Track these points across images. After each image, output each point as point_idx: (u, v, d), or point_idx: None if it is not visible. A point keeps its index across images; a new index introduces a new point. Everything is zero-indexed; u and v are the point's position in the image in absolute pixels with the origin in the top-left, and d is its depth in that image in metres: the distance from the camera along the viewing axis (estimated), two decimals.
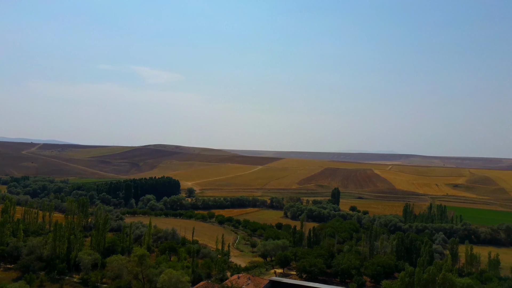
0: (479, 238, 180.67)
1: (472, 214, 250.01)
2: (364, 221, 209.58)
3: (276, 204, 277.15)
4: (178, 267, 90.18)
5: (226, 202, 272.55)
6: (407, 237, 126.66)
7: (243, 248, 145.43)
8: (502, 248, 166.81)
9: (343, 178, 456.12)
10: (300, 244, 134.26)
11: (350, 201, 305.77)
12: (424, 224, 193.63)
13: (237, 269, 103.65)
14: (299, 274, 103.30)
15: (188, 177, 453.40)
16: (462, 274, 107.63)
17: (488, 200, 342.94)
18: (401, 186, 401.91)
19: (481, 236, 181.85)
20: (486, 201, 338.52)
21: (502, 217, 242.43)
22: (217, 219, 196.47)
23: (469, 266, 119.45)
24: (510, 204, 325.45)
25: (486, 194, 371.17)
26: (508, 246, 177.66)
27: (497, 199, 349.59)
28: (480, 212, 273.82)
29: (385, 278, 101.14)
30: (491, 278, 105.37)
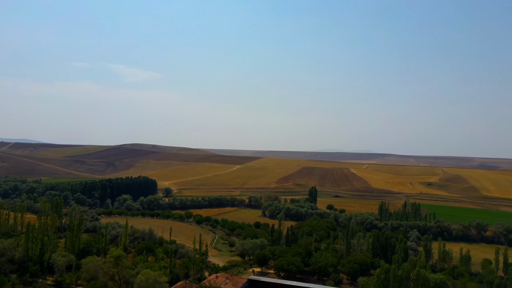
0: (451, 235, 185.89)
1: (445, 212, 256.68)
2: (341, 219, 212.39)
3: (254, 203, 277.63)
4: (155, 267, 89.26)
5: (204, 201, 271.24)
6: (383, 235, 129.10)
7: (221, 247, 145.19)
8: (473, 244, 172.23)
9: (320, 177, 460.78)
10: (278, 242, 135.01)
11: (327, 200, 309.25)
12: (399, 222, 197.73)
13: (215, 269, 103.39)
14: (277, 273, 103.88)
15: (166, 176, 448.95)
16: (435, 270, 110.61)
17: (460, 198, 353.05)
18: (377, 185, 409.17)
19: (453, 233, 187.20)
20: (458, 199, 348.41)
21: (473, 214, 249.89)
22: (195, 219, 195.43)
23: (442, 262, 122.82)
24: (481, 202, 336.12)
25: (458, 192, 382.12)
26: (479, 242, 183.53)
27: (468, 197, 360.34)
28: (452, 210, 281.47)
29: (362, 275, 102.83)
30: (462, 273, 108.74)
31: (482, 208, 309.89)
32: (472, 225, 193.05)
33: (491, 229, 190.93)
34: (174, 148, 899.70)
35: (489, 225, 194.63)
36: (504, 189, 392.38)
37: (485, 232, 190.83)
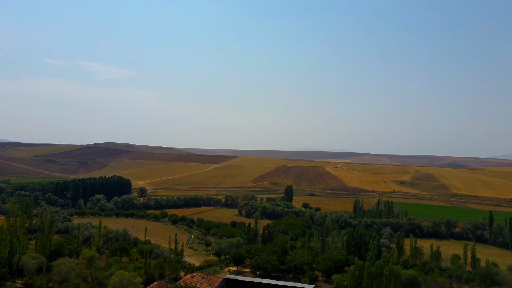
0: (423, 232, 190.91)
1: (416, 209, 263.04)
2: (316, 217, 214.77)
3: (230, 203, 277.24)
4: (130, 268, 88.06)
5: (180, 201, 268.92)
6: (357, 232, 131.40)
7: (197, 247, 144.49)
8: (443, 241, 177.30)
9: (296, 176, 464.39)
10: (254, 241, 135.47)
11: (302, 198, 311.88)
12: (373, 220, 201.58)
13: (191, 269, 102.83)
14: (253, 271, 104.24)
15: (140, 176, 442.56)
16: (407, 266, 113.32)
17: (431, 196, 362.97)
18: (351, 183, 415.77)
19: (424, 230, 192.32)
20: (429, 197, 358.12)
21: (443, 211, 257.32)
22: (170, 219, 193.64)
23: (413, 258, 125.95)
24: (450, 199, 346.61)
25: (429, 190, 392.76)
26: (448, 238, 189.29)
27: (439, 194, 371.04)
28: (423, 207, 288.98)
29: (336, 272, 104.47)
30: (433, 269, 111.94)
31: (452, 205, 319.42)
32: (442, 222, 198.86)
33: (460, 225, 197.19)
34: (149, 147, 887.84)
35: (458, 222, 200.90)
36: (472, 187, 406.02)
37: (454, 228, 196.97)
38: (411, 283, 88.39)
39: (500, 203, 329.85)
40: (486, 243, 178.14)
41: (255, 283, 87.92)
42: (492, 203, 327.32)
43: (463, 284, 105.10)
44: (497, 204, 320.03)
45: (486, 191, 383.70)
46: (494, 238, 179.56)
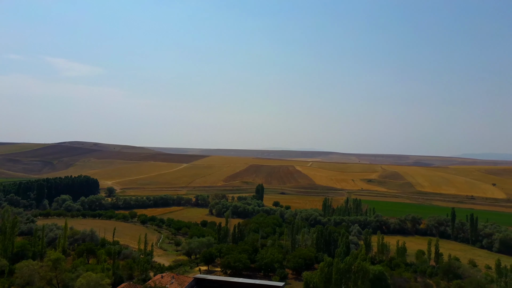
0: (389, 229, 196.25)
1: (384, 207, 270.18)
2: (287, 215, 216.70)
3: (201, 202, 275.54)
4: (97, 269, 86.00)
5: (149, 201, 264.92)
6: (326, 230, 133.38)
7: (167, 247, 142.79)
8: (409, 237, 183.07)
9: (267, 175, 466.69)
10: (225, 240, 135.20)
11: (273, 197, 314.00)
12: (342, 217, 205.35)
13: (160, 269, 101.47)
14: (223, 270, 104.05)
15: (108, 176, 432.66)
16: (374, 262, 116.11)
17: (397, 194, 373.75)
18: (321, 182, 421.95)
19: (391, 227, 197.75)
20: (395, 195, 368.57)
21: (409, 208, 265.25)
22: (139, 219, 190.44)
23: (381, 254, 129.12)
24: (416, 197, 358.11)
25: (395, 188, 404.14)
26: (414, 234, 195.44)
27: (405, 192, 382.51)
28: (390, 205, 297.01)
29: (306, 269, 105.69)
30: (399, 264, 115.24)
31: (417, 202, 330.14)
32: (408, 219, 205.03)
33: (425, 222, 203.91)
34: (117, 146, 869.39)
35: (422, 218, 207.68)
36: (436, 185, 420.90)
37: (419, 225, 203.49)
38: (378, 278, 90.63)
39: (462, 200, 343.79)
40: (449, 239, 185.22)
41: (225, 282, 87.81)
42: (455, 200, 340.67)
43: (427, 278, 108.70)
44: (459, 201, 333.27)
45: (449, 189, 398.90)
46: (456, 234, 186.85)
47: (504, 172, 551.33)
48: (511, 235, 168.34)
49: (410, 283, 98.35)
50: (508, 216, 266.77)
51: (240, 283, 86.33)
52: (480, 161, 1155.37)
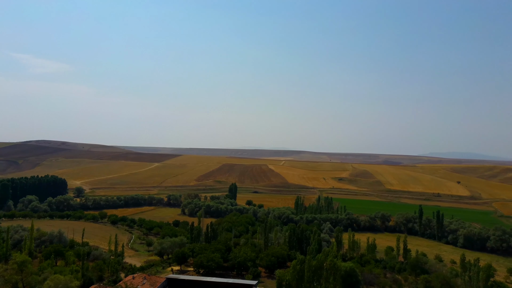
0: (360, 226, 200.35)
1: (354, 205, 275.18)
2: (260, 214, 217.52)
3: (173, 202, 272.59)
4: (66, 271, 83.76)
5: (120, 201, 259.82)
6: (298, 228, 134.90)
7: (139, 247, 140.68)
8: (378, 234, 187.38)
9: (240, 174, 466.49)
10: (198, 240, 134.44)
11: (246, 196, 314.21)
12: (313, 215, 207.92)
13: (132, 270, 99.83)
14: (196, 270, 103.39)
15: (77, 175, 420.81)
16: (345, 259, 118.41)
17: (367, 192, 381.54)
18: (293, 180, 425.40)
19: (361, 224, 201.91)
20: (366, 193, 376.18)
21: (379, 206, 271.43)
22: (109, 219, 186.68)
23: (351, 251, 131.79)
24: (385, 195, 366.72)
25: (365, 186, 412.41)
26: (383, 231, 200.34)
27: (374, 190, 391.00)
28: (360, 203, 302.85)
29: (279, 267, 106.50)
30: (369, 260, 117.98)
31: (386, 200, 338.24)
32: (378, 216, 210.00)
33: (394, 219, 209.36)
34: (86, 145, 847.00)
35: (391, 216, 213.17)
36: (405, 183, 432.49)
37: (389, 222, 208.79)
38: (349, 275, 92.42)
39: (429, 197, 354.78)
40: (417, 235, 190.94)
41: (198, 281, 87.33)
42: (422, 197, 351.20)
43: (396, 274, 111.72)
44: (426, 199, 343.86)
45: (416, 187, 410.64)
46: (424, 230, 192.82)
47: (467, 171, 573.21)
48: (474, 231, 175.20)
49: (380, 279, 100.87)
50: (472, 213, 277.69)
51: (213, 282, 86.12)
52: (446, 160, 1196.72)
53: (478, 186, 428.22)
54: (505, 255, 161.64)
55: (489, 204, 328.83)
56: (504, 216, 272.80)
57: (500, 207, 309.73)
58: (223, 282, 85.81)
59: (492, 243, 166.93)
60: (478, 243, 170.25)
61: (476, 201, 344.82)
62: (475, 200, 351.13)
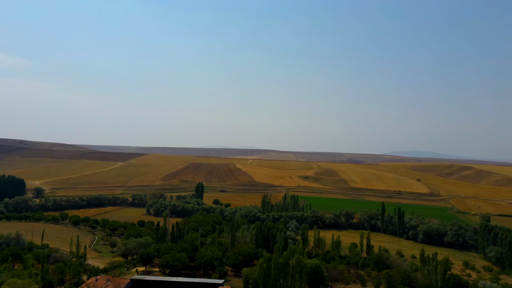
0: (325, 223, 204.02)
1: (319, 203, 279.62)
2: (227, 213, 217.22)
3: (138, 202, 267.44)
4: (24, 275, 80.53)
5: (82, 201, 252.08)
6: (265, 226, 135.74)
7: (102, 248, 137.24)
8: (343, 231, 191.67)
9: (207, 173, 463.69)
10: (164, 240, 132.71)
11: (213, 195, 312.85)
12: (280, 213, 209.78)
13: (94, 271, 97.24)
14: (162, 270, 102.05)
15: (36, 175, 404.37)
16: (311, 256, 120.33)
17: (332, 190, 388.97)
18: (260, 179, 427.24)
19: (327, 222, 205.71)
20: (330, 191, 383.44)
21: (343, 204, 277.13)
22: (71, 220, 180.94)
23: (317, 248, 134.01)
24: (349, 193, 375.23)
25: (330, 184, 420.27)
26: (347, 228, 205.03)
27: (339, 188, 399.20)
28: (325, 201, 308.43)
29: (246, 266, 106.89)
30: (334, 257, 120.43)
31: (350, 198, 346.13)
32: (342, 214, 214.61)
33: (357, 216, 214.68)
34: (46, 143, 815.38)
35: (355, 213, 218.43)
36: (368, 181, 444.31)
37: (352, 219, 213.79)
38: (314, 271, 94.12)
39: (391, 195, 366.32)
40: (379, 231, 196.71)
41: (163, 281, 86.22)
42: (384, 195, 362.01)
43: (359, 269, 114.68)
44: (388, 196, 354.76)
45: (379, 184, 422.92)
46: (386, 227, 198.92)
47: (427, 169, 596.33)
48: (433, 227, 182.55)
49: (344, 275, 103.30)
50: (431, 209, 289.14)
51: (178, 282, 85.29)
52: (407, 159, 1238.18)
53: (437, 184, 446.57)
54: (461, 249, 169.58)
55: (446, 201, 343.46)
56: (460, 212, 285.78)
57: (457, 204, 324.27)
58: (189, 282, 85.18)
59: (449, 238, 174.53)
60: (436, 238, 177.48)
61: (434, 198, 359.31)
62: (434, 197, 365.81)
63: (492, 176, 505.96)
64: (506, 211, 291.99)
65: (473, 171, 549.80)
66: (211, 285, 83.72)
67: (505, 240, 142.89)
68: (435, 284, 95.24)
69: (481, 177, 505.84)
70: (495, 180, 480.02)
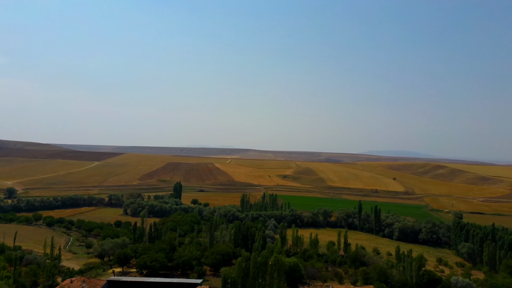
0: (303, 222, 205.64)
1: (298, 201, 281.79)
2: (205, 213, 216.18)
3: (115, 202, 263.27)
4: None
5: (57, 202, 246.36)
6: (244, 225, 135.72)
7: (77, 250, 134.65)
8: (321, 229, 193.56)
9: (185, 172, 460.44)
10: (141, 240, 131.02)
11: (192, 195, 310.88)
12: (259, 212, 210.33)
13: (69, 273, 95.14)
14: (139, 271, 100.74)
15: (8, 175, 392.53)
16: (289, 255, 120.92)
17: (310, 189, 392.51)
18: (239, 178, 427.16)
19: (305, 220, 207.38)
20: (309, 189, 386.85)
21: (321, 202, 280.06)
22: (45, 221, 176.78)
23: (295, 247, 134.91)
24: (327, 191, 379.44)
25: (308, 183, 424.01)
26: (325, 227, 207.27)
27: (317, 187, 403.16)
28: (304, 199, 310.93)
29: (224, 265, 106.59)
30: (312, 255, 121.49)
31: (328, 196, 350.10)
32: (320, 212, 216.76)
33: (335, 215, 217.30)
34: (18, 142, 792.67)
35: (333, 211, 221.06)
36: (345, 180, 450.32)
37: (330, 218, 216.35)
38: (293, 270, 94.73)
39: (368, 193, 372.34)
40: (356, 229, 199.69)
41: (140, 282, 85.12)
42: (361, 193, 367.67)
43: (337, 267, 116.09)
44: (365, 195, 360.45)
45: (356, 183, 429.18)
46: (363, 225, 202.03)
47: (403, 168, 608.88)
48: (408, 224, 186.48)
49: (322, 272, 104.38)
50: (406, 207, 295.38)
51: (156, 283, 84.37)
52: (384, 158, 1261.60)
53: (412, 182, 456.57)
54: (435, 245, 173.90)
55: (421, 199, 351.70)
56: (434, 209, 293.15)
57: (431, 202, 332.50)
58: (167, 282, 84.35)
59: (423, 235, 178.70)
60: (411, 236, 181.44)
61: (410, 196, 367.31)
62: (409, 195, 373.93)
63: (465, 174, 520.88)
64: (478, 208, 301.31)
65: (446, 170, 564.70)
66: (189, 285, 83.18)
67: (476, 236, 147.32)
68: (410, 281, 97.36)
69: (454, 175, 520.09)
70: (467, 178, 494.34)
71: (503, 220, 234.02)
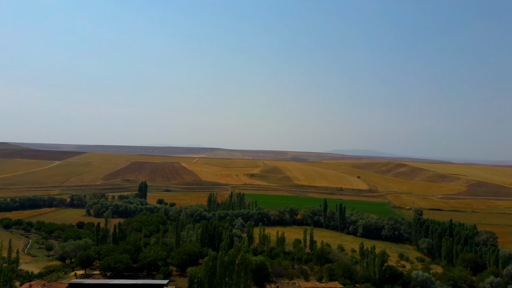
0: (270, 220, 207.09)
1: (265, 200, 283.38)
2: (171, 213, 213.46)
3: (77, 202, 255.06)
4: None
5: (14, 203, 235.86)
6: (211, 225, 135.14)
7: (37, 252, 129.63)
8: (287, 227, 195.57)
9: (151, 172, 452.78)
10: (105, 241, 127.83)
11: (158, 194, 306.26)
12: (226, 211, 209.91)
13: (28, 277, 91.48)
14: (103, 273, 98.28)
15: None
16: (256, 253, 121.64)
17: (277, 187, 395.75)
18: (206, 178, 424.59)
19: (272, 218, 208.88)
20: (276, 188, 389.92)
21: (287, 201, 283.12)
22: (2, 223, 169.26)
23: (262, 245, 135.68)
24: (293, 190, 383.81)
25: (275, 182, 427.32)
26: (292, 225, 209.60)
27: (284, 185, 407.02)
28: (271, 198, 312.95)
29: (191, 265, 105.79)
30: (278, 253, 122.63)
31: (294, 195, 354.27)
32: (286, 211, 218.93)
33: (301, 213, 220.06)
34: None
35: (299, 209, 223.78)
36: (311, 178, 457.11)
37: (297, 216, 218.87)
38: (260, 268, 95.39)
39: (333, 191, 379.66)
40: (322, 227, 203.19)
41: (103, 285, 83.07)
42: (326, 191, 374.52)
43: (303, 264, 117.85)
44: (330, 193, 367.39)
45: (321, 182, 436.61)
46: (328, 222, 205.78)
47: (366, 166, 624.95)
48: (371, 221, 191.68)
49: (288, 270, 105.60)
50: (370, 205, 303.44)
51: (120, 284, 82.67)
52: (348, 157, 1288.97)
53: (375, 180, 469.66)
54: (397, 242, 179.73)
55: (384, 197, 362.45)
56: (396, 207, 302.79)
57: (393, 199, 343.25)
58: (131, 284, 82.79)
59: (386, 232, 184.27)
60: (374, 232, 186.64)
61: (373, 194, 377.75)
62: (373, 193, 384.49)
63: (425, 172, 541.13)
64: (437, 205, 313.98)
65: (407, 168, 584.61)
66: (155, 285, 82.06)
67: (435, 232, 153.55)
68: (373, 276, 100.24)
69: (415, 173, 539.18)
70: (427, 176, 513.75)
71: (460, 216, 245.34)
